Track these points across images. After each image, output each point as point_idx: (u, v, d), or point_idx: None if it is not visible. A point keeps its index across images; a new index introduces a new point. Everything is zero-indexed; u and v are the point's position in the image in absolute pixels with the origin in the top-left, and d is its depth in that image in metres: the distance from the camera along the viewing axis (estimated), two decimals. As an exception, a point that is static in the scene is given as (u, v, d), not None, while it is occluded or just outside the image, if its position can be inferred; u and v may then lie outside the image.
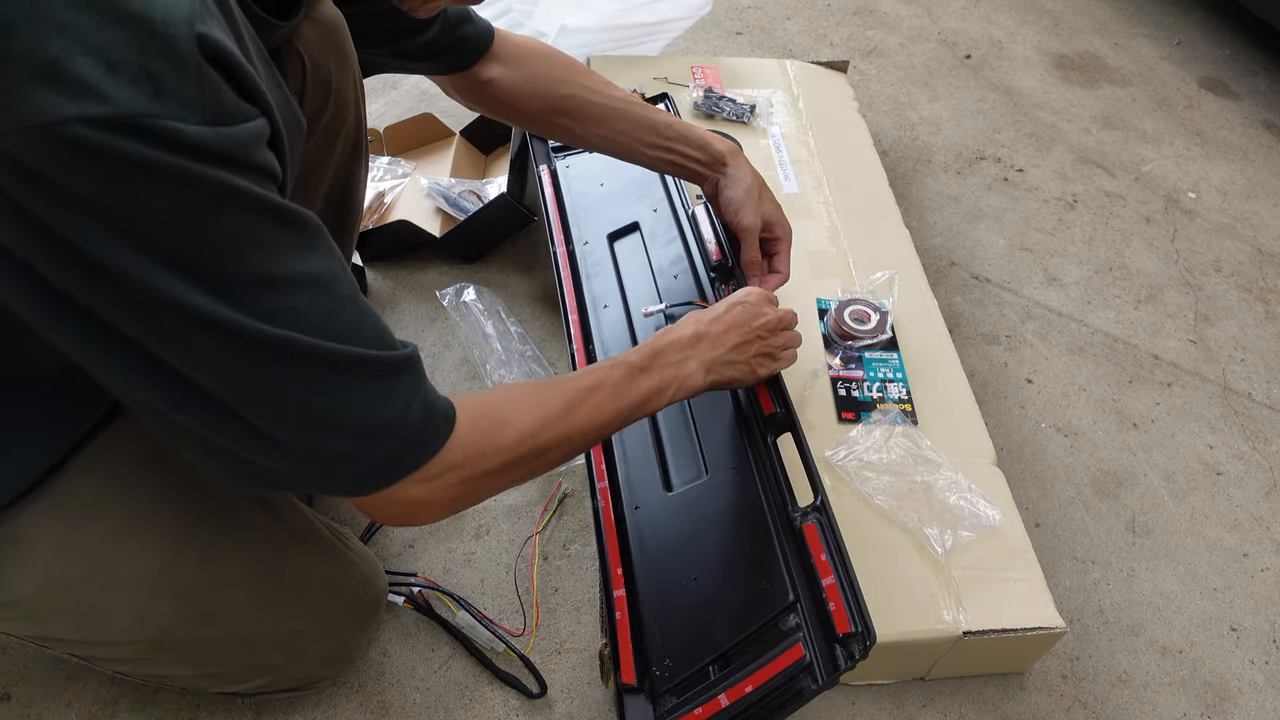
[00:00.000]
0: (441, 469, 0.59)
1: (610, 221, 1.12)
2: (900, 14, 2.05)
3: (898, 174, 1.60)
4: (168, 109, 0.40)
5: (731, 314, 0.80)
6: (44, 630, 0.70)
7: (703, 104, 1.37)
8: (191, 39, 0.41)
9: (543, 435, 0.65)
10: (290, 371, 0.50)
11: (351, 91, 0.85)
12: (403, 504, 0.59)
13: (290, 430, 0.52)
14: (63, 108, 0.38)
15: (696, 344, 0.77)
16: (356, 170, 0.95)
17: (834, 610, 0.71)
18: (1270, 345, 1.38)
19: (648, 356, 0.74)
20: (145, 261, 0.44)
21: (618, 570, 0.81)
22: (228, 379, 0.49)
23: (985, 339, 1.33)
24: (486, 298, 1.22)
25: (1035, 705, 0.94)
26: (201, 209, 0.44)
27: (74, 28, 0.38)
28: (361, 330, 0.53)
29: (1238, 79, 1.97)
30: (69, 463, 0.66)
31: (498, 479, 0.64)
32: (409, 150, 1.46)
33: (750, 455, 0.85)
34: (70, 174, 0.40)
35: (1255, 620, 1.04)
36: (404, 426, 0.56)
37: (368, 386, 0.54)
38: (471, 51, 0.90)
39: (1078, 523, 1.11)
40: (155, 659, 0.72)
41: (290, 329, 0.49)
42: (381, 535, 1.01)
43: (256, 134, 0.46)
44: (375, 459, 0.56)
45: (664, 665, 0.74)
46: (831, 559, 0.73)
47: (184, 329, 0.46)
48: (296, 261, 0.49)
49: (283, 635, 0.76)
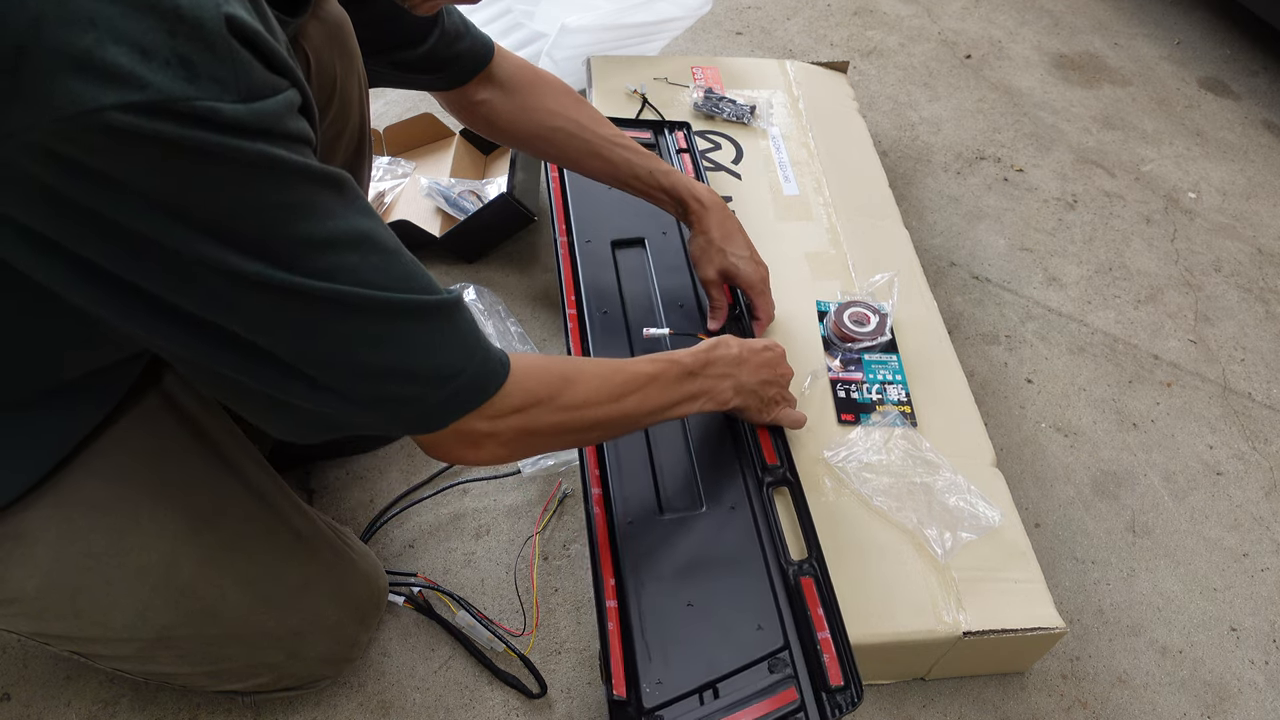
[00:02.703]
0: (505, 409, 0.62)
1: (616, 229, 1.12)
2: (900, 14, 2.05)
3: (898, 174, 1.60)
4: (204, 90, 0.41)
5: (767, 354, 0.87)
6: (46, 627, 0.70)
7: (703, 104, 1.37)
8: (220, 20, 0.42)
9: (599, 408, 0.69)
10: (353, 324, 0.52)
11: (356, 91, 0.86)
12: (466, 440, 0.63)
13: (357, 380, 0.54)
14: (100, 96, 0.39)
15: (739, 366, 0.83)
16: (360, 170, 0.96)
17: (828, 663, 0.75)
18: (1270, 345, 1.38)
19: (700, 363, 0.79)
20: (194, 235, 0.45)
21: (611, 580, 0.81)
22: (292, 339, 0.51)
23: (985, 339, 1.33)
24: (486, 298, 1.22)
25: (1035, 705, 0.94)
26: (244, 182, 0.45)
27: (104, 17, 0.39)
28: (413, 278, 0.55)
29: (1238, 79, 1.97)
30: (72, 461, 0.66)
31: (554, 432, 0.68)
32: (409, 150, 1.46)
33: (749, 499, 0.87)
34: (112, 159, 0.41)
35: (1255, 620, 1.04)
36: (465, 365, 0.59)
37: (426, 330, 0.56)
38: (467, 68, 0.92)
39: (1078, 523, 1.11)
40: (156, 656, 0.72)
41: (347, 283, 0.51)
42: (382, 535, 1.01)
43: (289, 104, 0.47)
44: (438, 398, 0.58)
45: (654, 683, 0.74)
46: (828, 614, 0.78)
47: (241, 296, 0.48)
48: (343, 220, 0.51)
49: (283, 633, 0.76)
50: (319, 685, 0.87)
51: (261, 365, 0.52)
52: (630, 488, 0.88)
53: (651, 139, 1.27)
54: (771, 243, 1.18)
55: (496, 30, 1.68)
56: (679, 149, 1.25)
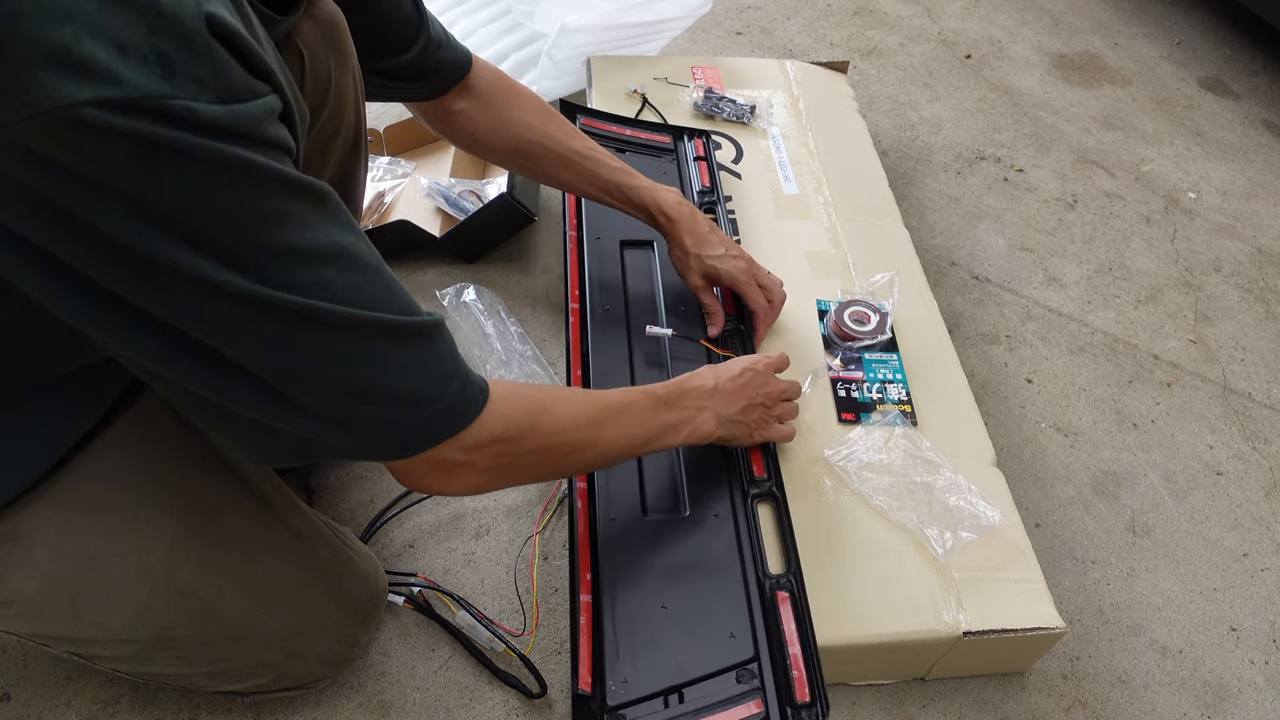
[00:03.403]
0: (482, 440, 0.61)
1: (627, 229, 1.12)
2: (900, 14, 2.05)
3: (898, 174, 1.60)
4: (180, 89, 0.41)
5: (744, 378, 0.85)
6: (45, 629, 0.70)
7: (703, 104, 1.37)
8: (200, 19, 0.41)
9: (576, 433, 0.68)
10: (323, 341, 0.51)
11: (351, 89, 0.85)
12: (440, 469, 0.61)
13: (327, 400, 0.53)
14: (76, 91, 0.38)
15: (714, 396, 0.82)
16: (356, 169, 0.95)
17: (796, 678, 0.75)
18: (1270, 345, 1.38)
19: (673, 394, 0.78)
20: (167, 240, 0.44)
21: (586, 575, 0.82)
22: (262, 352, 0.50)
23: (985, 339, 1.33)
24: (486, 298, 1.22)
25: (1035, 705, 0.94)
26: (218, 185, 0.44)
27: (82, 12, 0.38)
28: (391, 299, 0.54)
29: (1238, 79, 1.97)
30: (70, 461, 0.66)
31: (531, 463, 0.67)
32: (409, 150, 1.46)
33: (732, 509, 0.87)
34: (86, 157, 0.40)
35: (1255, 620, 1.04)
36: (440, 393, 0.57)
37: (400, 353, 0.54)
38: (447, 77, 0.92)
39: (1078, 523, 1.11)
40: (156, 657, 0.72)
41: (320, 299, 0.49)
42: (381, 535, 1.01)
43: (268, 109, 0.46)
44: (410, 425, 0.57)
45: (620, 681, 0.75)
46: (800, 630, 0.78)
47: (211, 305, 0.47)
48: (319, 233, 0.49)
49: (283, 634, 0.76)
50: (319, 685, 0.86)
51: (231, 380, 0.50)
52: (615, 486, 0.88)
53: (670, 144, 1.28)
54: (771, 242, 1.18)
55: (496, 30, 1.69)
56: (696, 156, 1.25)
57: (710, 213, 1.17)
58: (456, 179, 1.35)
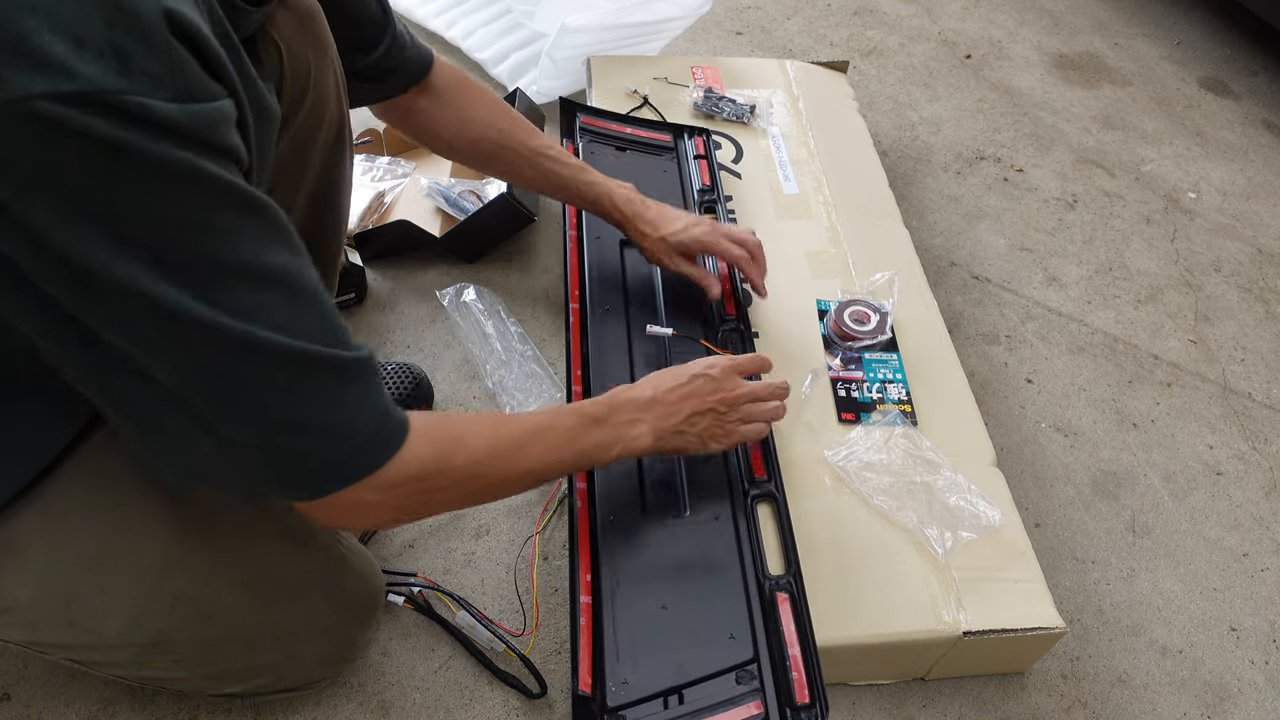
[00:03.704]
0: (398, 479, 0.59)
1: None
2: (900, 14, 2.05)
3: (898, 174, 1.60)
4: (135, 85, 0.40)
5: (691, 385, 0.80)
6: (40, 636, 0.69)
7: (703, 104, 1.37)
8: (159, 14, 0.41)
9: (494, 463, 0.66)
10: (246, 366, 0.49)
11: (332, 82, 0.84)
12: (351, 509, 0.59)
13: (240, 426, 0.51)
14: (29, 84, 0.38)
15: (650, 408, 0.78)
16: (341, 165, 0.94)
17: (796, 679, 0.74)
18: (1270, 345, 1.38)
19: (604, 410, 0.76)
20: (105, 242, 0.43)
21: (586, 576, 0.81)
22: (178, 369, 0.49)
23: (985, 339, 1.33)
24: (486, 298, 1.22)
25: (1035, 705, 0.94)
26: (165, 189, 0.43)
27: (43, 4, 0.38)
28: (322, 329, 0.53)
29: (1238, 79, 1.97)
30: (60, 466, 0.65)
31: (447, 496, 0.65)
32: (409, 150, 1.46)
33: (732, 510, 0.87)
34: (34, 151, 0.39)
35: (1255, 620, 1.04)
36: (359, 430, 0.56)
37: (324, 386, 0.53)
38: (408, 77, 0.91)
39: (1078, 523, 1.11)
40: (152, 662, 0.72)
41: (250, 323, 0.48)
42: (381, 535, 1.01)
43: (223, 115, 0.45)
44: (326, 461, 0.55)
45: (620, 682, 0.74)
46: (800, 631, 0.77)
47: (139, 315, 0.45)
48: (259, 252, 0.48)
49: (280, 635, 0.75)
50: (318, 686, 0.86)
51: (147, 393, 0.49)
52: (615, 486, 0.88)
53: (671, 142, 1.28)
54: (772, 241, 1.18)
55: (496, 30, 1.69)
56: (696, 154, 1.25)
57: (710, 211, 1.17)
58: (456, 179, 1.35)
